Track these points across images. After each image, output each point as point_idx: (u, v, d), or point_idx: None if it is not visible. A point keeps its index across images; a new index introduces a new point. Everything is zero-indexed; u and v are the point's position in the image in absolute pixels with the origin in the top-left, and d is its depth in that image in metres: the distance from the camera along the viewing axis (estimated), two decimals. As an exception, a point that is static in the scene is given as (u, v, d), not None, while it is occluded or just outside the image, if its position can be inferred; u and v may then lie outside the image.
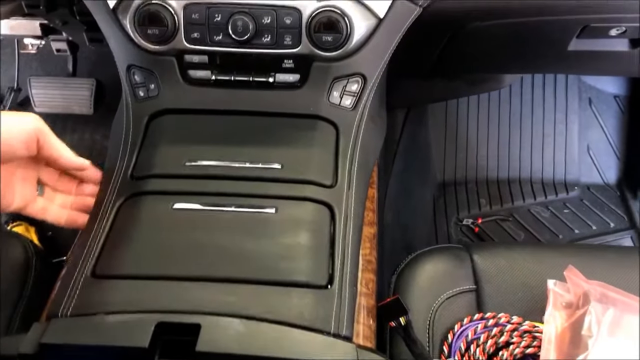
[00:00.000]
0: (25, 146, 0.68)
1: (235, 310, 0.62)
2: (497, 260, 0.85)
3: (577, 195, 1.49)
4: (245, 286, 0.65)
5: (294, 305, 0.63)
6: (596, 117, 1.55)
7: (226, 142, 0.82)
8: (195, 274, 0.66)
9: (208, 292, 0.64)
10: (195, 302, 0.63)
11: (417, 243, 1.36)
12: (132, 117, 0.85)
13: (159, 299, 0.64)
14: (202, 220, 0.72)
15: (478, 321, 0.78)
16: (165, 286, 0.65)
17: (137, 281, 0.66)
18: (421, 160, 1.51)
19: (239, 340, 0.59)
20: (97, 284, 0.66)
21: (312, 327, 0.62)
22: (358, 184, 0.78)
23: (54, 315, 0.64)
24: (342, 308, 0.64)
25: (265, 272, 0.66)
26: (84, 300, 0.65)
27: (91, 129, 1.62)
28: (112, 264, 0.68)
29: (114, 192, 0.77)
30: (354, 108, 0.85)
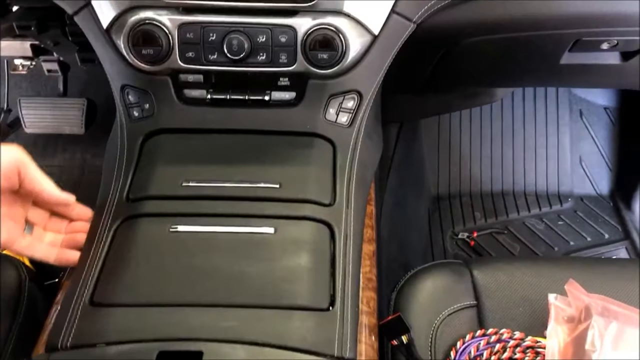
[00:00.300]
0: (5, 178, 0.66)
1: (236, 336, 0.61)
2: (496, 275, 0.84)
3: (571, 207, 1.49)
4: (246, 310, 0.64)
5: (296, 329, 0.63)
6: (587, 129, 1.57)
7: (223, 161, 0.81)
8: (195, 300, 0.65)
9: (208, 318, 0.63)
10: (196, 329, 0.62)
11: (413, 258, 1.35)
12: (126, 137, 0.85)
13: (159, 326, 0.63)
14: (200, 243, 0.71)
15: (480, 337, 0.78)
16: (165, 313, 0.64)
17: (137, 308, 0.65)
18: (415, 174, 1.51)
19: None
20: (96, 313, 0.65)
21: (315, 350, 0.61)
22: (357, 202, 0.78)
23: (53, 346, 0.62)
24: (345, 330, 0.63)
25: (266, 296, 0.66)
26: (84, 330, 0.63)
27: (82, 148, 1.60)
28: (110, 291, 0.67)
29: (109, 215, 0.76)
30: (351, 125, 0.85)
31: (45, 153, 1.58)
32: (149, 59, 0.81)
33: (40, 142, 1.60)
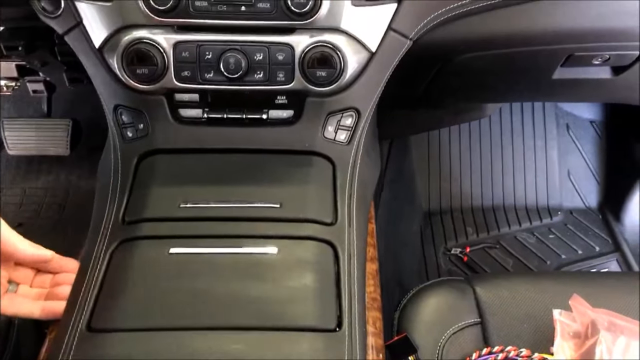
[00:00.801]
0: None
1: (246, 359, 0.59)
2: (499, 291, 0.84)
3: (561, 220, 1.50)
4: (253, 333, 0.62)
5: (305, 352, 0.61)
6: (574, 143, 1.58)
7: (221, 181, 0.79)
8: (199, 324, 0.63)
9: (214, 341, 0.61)
10: (201, 353, 0.60)
11: (407, 275, 1.35)
12: (120, 158, 0.83)
13: (162, 352, 0.60)
14: (201, 265, 0.69)
15: (487, 355, 0.77)
16: (167, 337, 0.62)
17: (137, 333, 0.62)
18: (406, 191, 1.51)
19: None
20: (93, 339, 0.63)
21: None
22: (358, 220, 0.77)
23: None
24: (354, 351, 0.62)
25: (272, 318, 0.64)
26: (82, 356, 0.61)
27: (67, 169, 1.57)
28: (108, 316, 0.65)
29: (104, 238, 0.73)
30: (349, 142, 0.84)
31: (28, 175, 1.55)
32: (144, 78, 0.79)
33: (23, 164, 1.56)
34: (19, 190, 1.51)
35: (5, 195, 1.50)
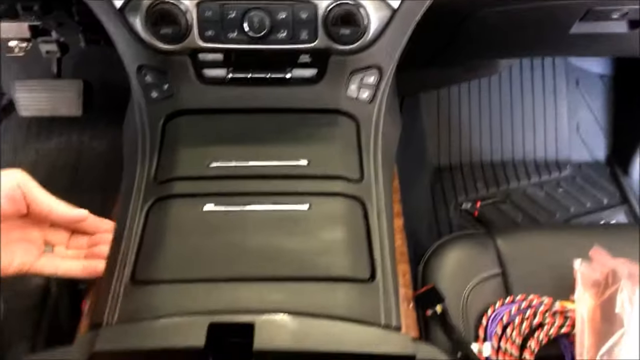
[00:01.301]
0: (10, 203, 0.65)
1: (284, 308, 0.62)
2: (519, 243, 0.87)
3: (570, 174, 1.53)
4: (290, 284, 0.65)
5: (342, 300, 0.63)
6: (583, 98, 1.59)
7: (248, 140, 0.81)
8: (238, 275, 0.65)
9: (254, 291, 0.64)
10: (243, 302, 0.63)
11: (419, 230, 1.37)
12: (147, 119, 0.83)
13: (206, 301, 0.63)
14: (236, 221, 0.71)
15: (510, 304, 0.80)
16: (210, 288, 0.64)
17: (181, 284, 0.65)
18: (417, 147, 1.52)
19: (294, 336, 0.59)
20: (139, 290, 0.65)
21: (363, 320, 0.62)
22: (384, 176, 0.79)
23: (99, 325, 0.62)
24: (389, 300, 0.65)
25: (308, 268, 0.66)
26: (129, 307, 0.63)
27: (78, 131, 1.57)
28: (151, 269, 0.67)
29: (139, 197, 0.75)
30: (372, 100, 0.85)
31: (40, 137, 1.55)
32: (168, 38, 0.79)
33: (34, 126, 1.56)
34: (32, 151, 1.52)
35: (19, 157, 1.51)
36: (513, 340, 0.76)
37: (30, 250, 0.69)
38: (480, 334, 0.78)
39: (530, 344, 0.76)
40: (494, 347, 0.77)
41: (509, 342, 0.76)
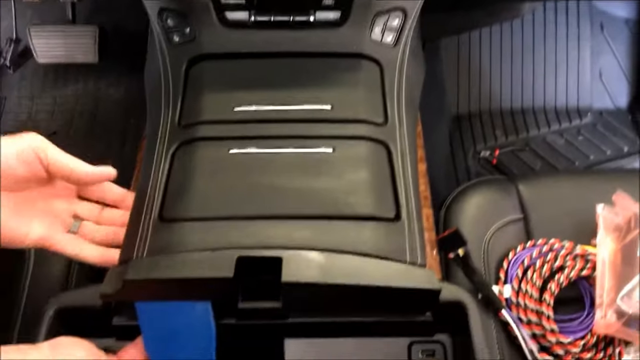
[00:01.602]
0: (24, 166, 0.62)
1: (311, 244, 0.62)
2: (541, 188, 0.87)
3: (590, 122, 1.51)
4: (317, 221, 0.65)
5: (368, 238, 0.64)
6: (608, 43, 1.55)
7: (271, 85, 0.80)
8: (265, 213, 0.66)
9: (282, 228, 0.64)
10: (271, 238, 0.63)
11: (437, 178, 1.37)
12: (169, 63, 0.83)
13: (234, 237, 0.64)
14: (262, 163, 0.71)
15: (532, 248, 0.81)
16: (237, 225, 0.65)
17: (210, 222, 0.65)
18: (436, 95, 1.50)
19: (322, 270, 0.60)
20: (167, 227, 0.66)
21: (389, 257, 0.63)
22: (408, 121, 0.78)
23: (128, 259, 0.63)
24: (414, 239, 0.65)
25: (334, 207, 0.67)
26: (158, 243, 0.64)
27: (94, 77, 1.57)
28: (178, 207, 0.67)
29: (164, 139, 0.75)
30: (396, 44, 0.84)
31: (57, 84, 1.55)
32: None
33: (51, 73, 1.56)
34: (50, 99, 1.52)
35: (37, 104, 1.51)
36: (533, 282, 0.77)
37: (54, 224, 0.66)
38: (501, 277, 0.80)
39: (550, 286, 0.78)
40: (514, 289, 0.78)
41: (529, 284, 0.78)
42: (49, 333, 0.62)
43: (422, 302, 0.64)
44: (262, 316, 0.64)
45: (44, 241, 0.65)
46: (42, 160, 0.63)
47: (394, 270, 0.62)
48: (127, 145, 1.48)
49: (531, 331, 0.76)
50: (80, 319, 0.65)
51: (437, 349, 0.69)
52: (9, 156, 0.60)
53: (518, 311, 0.77)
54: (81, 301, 0.64)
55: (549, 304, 0.77)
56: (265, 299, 0.62)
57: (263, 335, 0.68)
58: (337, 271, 0.60)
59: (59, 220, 0.67)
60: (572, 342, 0.76)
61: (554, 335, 0.75)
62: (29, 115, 1.49)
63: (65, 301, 0.65)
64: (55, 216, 0.67)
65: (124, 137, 1.47)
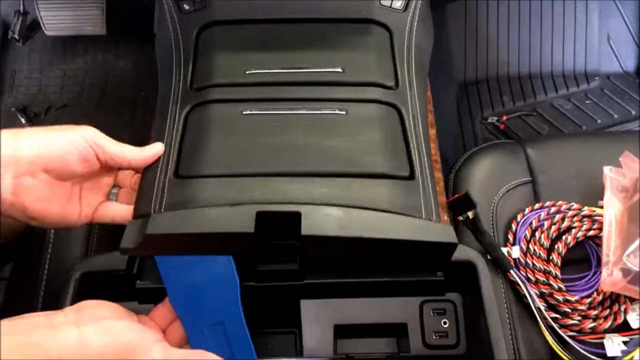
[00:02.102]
0: (81, 161, 0.63)
1: (329, 200, 0.64)
2: (549, 152, 0.88)
3: (598, 86, 1.50)
4: (334, 179, 0.66)
5: (385, 194, 0.65)
6: (616, 5, 1.53)
7: (282, 48, 0.81)
8: (282, 170, 0.67)
9: (299, 185, 0.65)
10: (289, 194, 0.64)
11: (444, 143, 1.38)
12: (179, 30, 0.83)
13: (252, 192, 0.64)
14: (276, 123, 0.72)
15: (540, 209, 0.82)
16: (255, 182, 0.65)
17: (227, 178, 0.66)
18: (443, 61, 1.50)
19: (341, 224, 0.61)
20: (184, 183, 0.66)
21: (406, 213, 0.64)
22: (418, 85, 0.79)
23: (146, 214, 0.63)
24: (428, 197, 0.67)
25: (350, 165, 0.68)
26: (175, 199, 0.64)
27: (103, 49, 1.57)
28: (194, 165, 0.68)
29: (176, 102, 0.76)
30: (405, 9, 0.84)
31: (65, 57, 1.55)
32: None
33: (59, 46, 1.56)
34: (59, 72, 1.53)
35: (47, 77, 1.52)
36: (541, 243, 0.79)
37: (99, 198, 0.68)
38: (510, 239, 0.82)
39: (557, 246, 0.79)
40: (523, 250, 0.80)
41: (537, 245, 0.80)
42: (75, 298, 0.64)
43: (439, 257, 0.66)
44: (280, 278, 0.66)
45: (92, 216, 0.67)
46: (99, 155, 0.64)
47: (412, 224, 0.63)
48: (136, 116, 1.49)
49: (539, 290, 0.79)
50: (104, 283, 0.67)
51: (448, 308, 0.71)
52: (66, 153, 0.61)
53: (526, 271, 0.80)
54: (105, 265, 0.66)
55: (556, 264, 0.79)
56: (283, 261, 0.64)
57: (279, 296, 0.70)
58: (356, 225, 0.62)
59: (103, 192, 0.69)
60: (579, 300, 0.78)
61: (561, 293, 0.78)
62: (39, 89, 1.50)
63: (90, 266, 0.67)
64: (100, 190, 0.69)
65: (134, 108, 1.48)
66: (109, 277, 0.67)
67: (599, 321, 0.77)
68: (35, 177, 0.60)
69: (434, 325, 0.70)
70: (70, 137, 0.61)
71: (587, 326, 0.77)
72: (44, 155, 0.59)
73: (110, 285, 0.67)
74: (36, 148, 0.59)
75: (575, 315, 0.77)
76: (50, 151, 0.60)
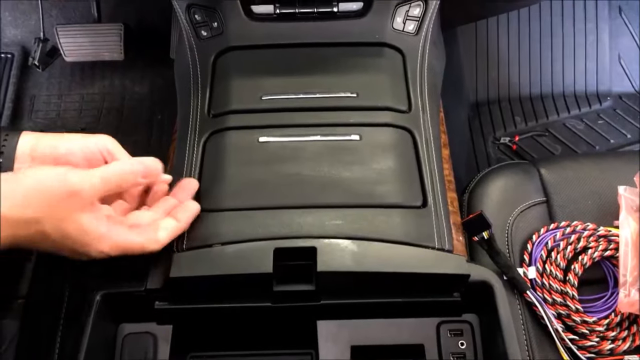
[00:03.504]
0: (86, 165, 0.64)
1: (344, 233, 0.65)
2: (563, 171, 0.88)
3: (610, 105, 1.51)
4: (348, 210, 0.68)
5: (397, 225, 0.67)
6: (626, 25, 1.55)
7: (297, 74, 0.82)
8: (297, 203, 0.69)
9: (314, 218, 0.67)
10: (305, 228, 0.66)
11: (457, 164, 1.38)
12: (197, 57, 0.85)
13: (269, 227, 0.66)
14: (291, 152, 0.74)
15: (555, 230, 0.82)
16: (271, 215, 0.67)
17: (245, 212, 0.68)
18: (454, 81, 1.51)
19: (355, 259, 0.63)
20: (204, 218, 0.68)
21: (418, 243, 0.65)
22: (431, 108, 0.80)
23: (169, 250, 0.65)
24: (441, 225, 0.68)
25: (363, 196, 0.69)
26: (196, 234, 0.67)
27: (120, 75, 1.60)
28: (213, 198, 0.70)
29: (195, 129, 0.77)
30: (417, 33, 0.86)
31: (84, 82, 1.59)
32: None
33: (78, 72, 1.60)
34: (77, 96, 1.56)
35: (65, 102, 1.55)
36: (557, 264, 0.79)
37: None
38: (525, 259, 0.81)
39: (574, 267, 0.79)
40: (539, 271, 0.80)
41: (553, 265, 0.79)
42: (96, 319, 0.65)
43: (452, 286, 0.67)
44: (296, 299, 0.67)
45: None
46: (105, 156, 0.66)
47: (424, 256, 0.65)
48: (152, 139, 1.51)
49: (556, 311, 0.78)
50: (123, 302, 0.68)
51: (465, 329, 0.71)
52: (71, 155, 0.65)
53: (543, 292, 0.79)
54: (126, 286, 0.67)
55: (573, 285, 0.79)
56: (299, 282, 0.65)
57: (296, 317, 0.71)
58: (370, 259, 0.63)
59: None
60: (597, 321, 0.77)
61: (579, 315, 0.77)
62: (58, 113, 1.53)
63: (110, 287, 0.68)
64: None
65: (150, 131, 1.51)
66: (129, 297, 0.68)
67: (617, 342, 0.77)
68: None
69: (451, 346, 0.70)
70: (81, 142, 0.66)
71: (605, 347, 0.76)
72: (53, 155, 0.65)
73: (130, 305, 0.68)
74: (49, 149, 0.65)
75: (593, 336, 0.77)
76: (59, 152, 0.65)
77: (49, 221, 0.56)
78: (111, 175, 0.60)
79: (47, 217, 0.56)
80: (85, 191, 0.57)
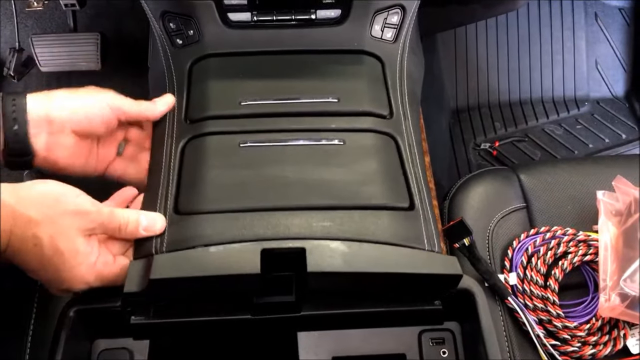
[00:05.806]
0: (103, 123, 0.70)
1: (332, 234, 0.63)
2: (543, 177, 0.88)
3: (588, 111, 1.53)
4: (335, 212, 0.66)
5: (386, 227, 0.65)
6: (603, 32, 1.57)
7: (276, 79, 0.81)
8: (282, 205, 0.66)
9: (301, 219, 0.65)
10: (293, 229, 0.64)
11: (438, 171, 1.39)
12: (172, 64, 0.84)
13: (255, 228, 0.64)
14: (273, 156, 0.72)
15: (535, 235, 0.83)
16: (257, 217, 0.65)
17: (229, 214, 0.65)
18: (435, 88, 1.52)
19: (346, 260, 0.61)
20: (185, 220, 0.65)
21: (408, 245, 0.64)
22: (412, 115, 0.80)
23: (148, 254, 0.63)
24: (429, 226, 0.67)
25: (350, 198, 0.68)
26: (176, 237, 0.64)
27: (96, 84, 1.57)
28: (194, 201, 0.67)
29: (171, 135, 0.75)
30: (395, 40, 0.85)
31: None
32: None
33: (54, 81, 1.57)
34: (54, 107, 1.53)
35: (42, 113, 1.52)
36: (538, 269, 0.79)
37: (109, 151, 0.75)
38: (506, 265, 0.81)
39: (554, 272, 0.79)
40: (520, 277, 0.80)
41: (533, 271, 0.79)
42: (70, 334, 0.63)
43: (442, 288, 0.66)
44: (276, 310, 0.66)
45: (104, 170, 0.75)
46: (120, 117, 0.72)
47: (416, 257, 0.63)
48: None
49: (537, 317, 0.78)
50: (98, 318, 0.66)
51: (447, 337, 0.70)
52: (92, 118, 0.69)
53: (524, 298, 0.79)
54: (101, 301, 0.65)
55: (554, 290, 0.79)
56: (279, 293, 0.64)
57: (276, 329, 0.69)
58: (361, 260, 0.61)
59: (114, 146, 0.76)
60: (578, 326, 0.77)
61: (560, 320, 0.77)
62: (34, 124, 1.50)
63: (85, 302, 0.66)
64: (112, 145, 0.75)
65: (129, 141, 1.48)
66: (103, 312, 0.66)
67: (598, 347, 0.77)
68: (65, 136, 0.68)
69: (433, 354, 0.69)
70: (96, 104, 0.70)
71: (587, 352, 0.76)
72: (74, 119, 0.68)
73: (105, 320, 0.66)
74: (66, 112, 0.67)
75: (575, 341, 0.77)
76: (80, 116, 0.68)
77: (48, 229, 0.57)
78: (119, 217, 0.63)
79: (47, 224, 0.57)
80: (92, 214, 0.61)
